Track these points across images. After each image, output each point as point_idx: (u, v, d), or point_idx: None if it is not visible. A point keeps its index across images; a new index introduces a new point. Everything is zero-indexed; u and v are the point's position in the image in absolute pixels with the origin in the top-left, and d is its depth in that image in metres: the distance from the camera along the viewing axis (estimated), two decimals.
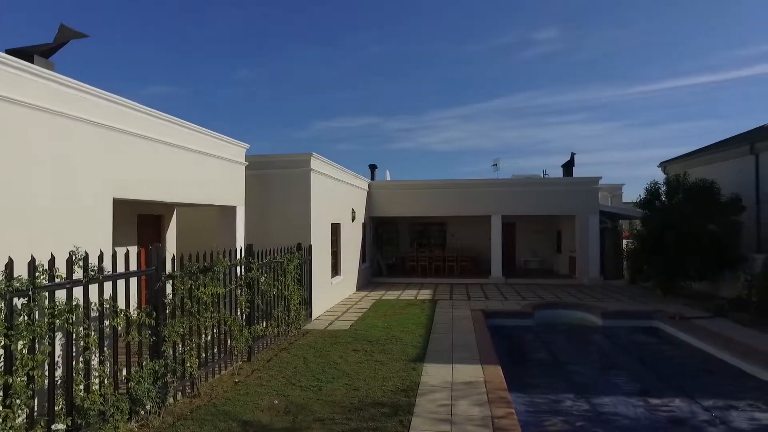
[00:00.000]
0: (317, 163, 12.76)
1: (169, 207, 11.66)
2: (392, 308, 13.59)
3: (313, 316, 12.06)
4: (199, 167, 9.07)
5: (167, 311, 6.20)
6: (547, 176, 23.22)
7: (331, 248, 14.32)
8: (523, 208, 19.79)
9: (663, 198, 16.31)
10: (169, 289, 6.31)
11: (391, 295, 16.25)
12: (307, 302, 11.65)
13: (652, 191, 16.58)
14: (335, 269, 14.90)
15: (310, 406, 6.33)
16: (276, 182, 12.48)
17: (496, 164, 24.74)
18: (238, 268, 8.23)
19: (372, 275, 20.51)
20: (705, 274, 15.07)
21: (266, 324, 9.13)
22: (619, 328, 12.40)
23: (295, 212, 12.22)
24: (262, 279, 8.96)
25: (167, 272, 6.26)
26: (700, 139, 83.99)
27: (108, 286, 5.26)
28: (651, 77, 61.40)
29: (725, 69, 58.61)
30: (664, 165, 20.94)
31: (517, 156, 72.48)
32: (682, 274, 15.16)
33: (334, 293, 14.35)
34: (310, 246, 11.94)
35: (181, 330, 6.39)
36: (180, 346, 6.47)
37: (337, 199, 14.89)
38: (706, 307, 13.35)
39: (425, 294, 16.37)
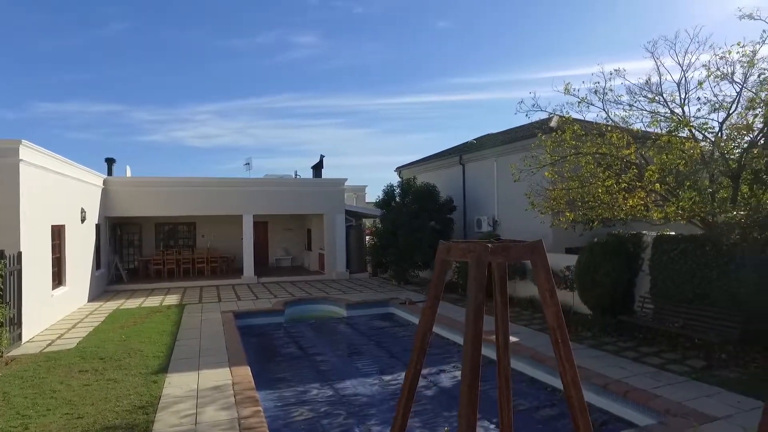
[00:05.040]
0: (30, 153, 10.62)
1: None
2: (132, 318, 12.25)
3: (25, 339, 9.99)
4: None
5: None
6: (298, 177, 24.12)
7: (53, 254, 12.10)
8: (274, 208, 20.17)
9: (397, 199, 18.65)
10: None
11: (132, 303, 14.63)
12: (15, 322, 9.59)
13: (389, 193, 18.85)
14: (58, 279, 12.65)
15: None
16: None
17: (248, 163, 24.60)
18: None
19: (109, 283, 18.11)
20: (428, 263, 17.86)
21: None
22: (360, 316, 13.73)
23: None
24: None
25: None
26: (429, 148, 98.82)
27: None
28: (394, 92, 69.71)
29: (449, 92, 70.48)
30: (399, 170, 24.00)
31: (273, 155, 73.39)
32: (412, 264, 17.64)
33: (56, 307, 12.16)
34: (20, 253, 9.87)
35: None
36: None
37: (60, 196, 12.65)
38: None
39: (172, 299, 15.24)
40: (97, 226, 16.52)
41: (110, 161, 19.84)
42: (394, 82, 70.09)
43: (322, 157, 22.40)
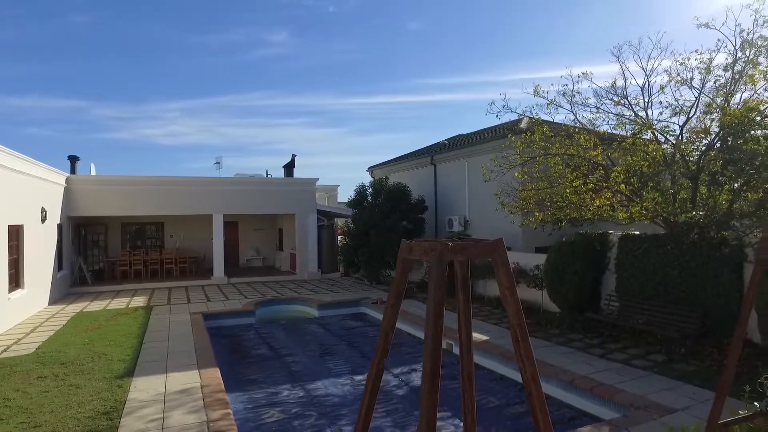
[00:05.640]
0: None
1: None
2: (96, 320, 11.90)
3: None
4: None
5: None
6: (269, 176, 23.87)
7: (10, 255, 11.65)
8: (245, 208, 19.91)
9: (369, 199, 18.65)
10: None
11: (97, 305, 14.21)
12: None
13: (361, 192, 18.82)
14: (15, 281, 12.18)
15: None
16: None
17: (218, 162, 24.24)
18: None
19: (73, 285, 17.52)
20: None
21: None
22: (332, 316, 13.67)
23: None
24: None
25: None
26: (401, 148, 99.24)
27: None
28: (366, 91, 69.62)
29: (420, 92, 70.80)
30: (371, 170, 23.99)
31: (244, 155, 72.42)
32: (384, 264, 17.66)
33: (13, 311, 11.70)
34: None
35: None
36: None
37: (17, 195, 12.18)
38: None
39: (139, 301, 14.87)
40: (59, 226, 15.99)
41: (73, 159, 19.22)
42: (365, 82, 70.22)
43: (293, 156, 22.23)
